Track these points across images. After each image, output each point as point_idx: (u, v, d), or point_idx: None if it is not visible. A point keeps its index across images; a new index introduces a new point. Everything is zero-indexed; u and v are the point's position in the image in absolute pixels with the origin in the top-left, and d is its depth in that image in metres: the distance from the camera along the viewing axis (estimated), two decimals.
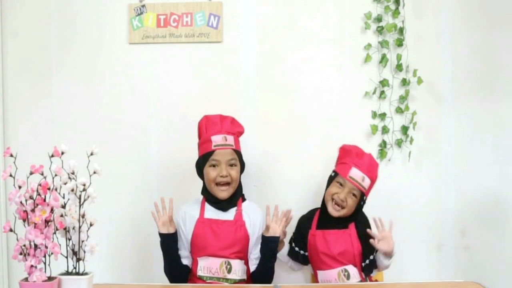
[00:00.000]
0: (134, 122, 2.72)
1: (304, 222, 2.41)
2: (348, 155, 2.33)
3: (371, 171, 2.32)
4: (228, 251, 2.25)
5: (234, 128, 2.35)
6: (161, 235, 2.26)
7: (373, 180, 2.33)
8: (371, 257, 2.28)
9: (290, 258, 2.44)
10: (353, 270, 2.27)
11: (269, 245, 2.26)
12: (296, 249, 2.39)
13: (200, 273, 2.25)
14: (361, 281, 2.26)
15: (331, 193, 2.31)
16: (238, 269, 2.25)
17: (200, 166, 2.33)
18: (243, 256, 2.29)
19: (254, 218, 2.33)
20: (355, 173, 2.27)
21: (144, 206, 2.70)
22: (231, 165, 2.29)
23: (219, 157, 2.27)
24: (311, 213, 2.44)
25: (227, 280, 2.23)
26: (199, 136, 2.37)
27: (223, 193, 2.28)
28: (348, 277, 2.25)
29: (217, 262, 2.24)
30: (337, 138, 2.62)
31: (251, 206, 2.39)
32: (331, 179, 2.36)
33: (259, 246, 2.30)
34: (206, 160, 2.29)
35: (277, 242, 2.27)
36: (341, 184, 2.30)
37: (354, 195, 2.29)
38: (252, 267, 2.29)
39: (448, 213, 2.70)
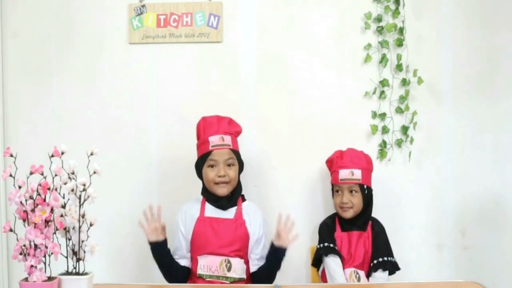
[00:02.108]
0: (134, 122, 2.72)
1: (330, 224, 2.43)
2: (333, 164, 2.44)
3: (356, 162, 2.38)
4: (228, 249, 2.25)
5: (231, 128, 2.36)
6: (150, 243, 2.26)
7: (364, 168, 2.38)
8: (379, 259, 2.31)
9: (331, 256, 2.34)
10: (362, 274, 2.32)
11: (278, 254, 2.25)
12: (331, 245, 2.35)
13: (200, 271, 2.25)
14: None
15: (336, 203, 2.40)
16: (238, 268, 2.25)
17: (199, 166, 2.35)
18: (243, 255, 2.29)
19: (254, 218, 2.34)
20: (343, 173, 2.37)
21: (144, 206, 2.69)
22: (229, 165, 2.31)
23: (216, 157, 2.29)
24: (332, 216, 2.47)
25: (227, 278, 2.24)
26: (198, 138, 2.38)
27: (222, 189, 2.30)
28: (358, 279, 2.30)
29: (217, 260, 2.24)
30: (337, 138, 2.62)
31: (251, 206, 2.40)
32: (332, 192, 2.45)
33: (260, 246, 2.31)
34: (205, 160, 2.31)
35: (285, 252, 2.25)
36: (338, 191, 2.39)
37: (354, 191, 2.35)
38: (253, 267, 2.29)
39: (448, 213, 2.69)
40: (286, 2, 2.71)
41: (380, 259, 2.31)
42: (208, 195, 2.35)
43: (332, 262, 2.32)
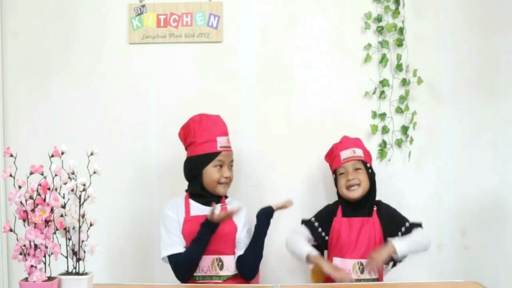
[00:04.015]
0: (134, 122, 2.72)
1: (332, 208, 2.41)
2: (332, 152, 2.44)
3: (356, 143, 2.40)
4: (218, 246, 2.23)
5: (227, 129, 2.37)
6: (212, 222, 2.17)
7: (363, 148, 2.40)
8: (399, 231, 2.29)
9: (306, 228, 2.36)
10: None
11: (264, 219, 2.25)
12: (320, 229, 2.35)
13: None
14: (377, 279, 2.28)
15: (342, 185, 2.35)
16: (230, 265, 2.25)
17: (199, 165, 2.31)
18: (233, 250, 2.29)
19: (240, 215, 2.32)
20: (345, 153, 2.36)
21: (144, 206, 2.71)
22: (231, 167, 2.34)
23: (224, 158, 2.29)
24: (336, 202, 2.44)
25: (219, 277, 2.23)
26: (195, 134, 2.32)
27: (224, 189, 2.33)
28: (362, 271, 2.27)
29: (208, 260, 2.22)
30: (337, 138, 2.61)
31: (234, 201, 2.39)
32: (336, 179, 2.41)
33: (243, 233, 2.30)
34: (210, 160, 2.29)
35: (271, 216, 2.26)
36: (343, 173, 2.35)
37: (358, 169, 2.34)
38: (239, 251, 2.28)
39: (448, 213, 2.70)
40: (286, 2, 2.71)
41: (403, 228, 2.29)
42: (202, 192, 2.31)
43: (299, 231, 2.34)
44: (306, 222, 2.39)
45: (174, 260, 2.22)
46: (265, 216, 2.26)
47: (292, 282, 2.62)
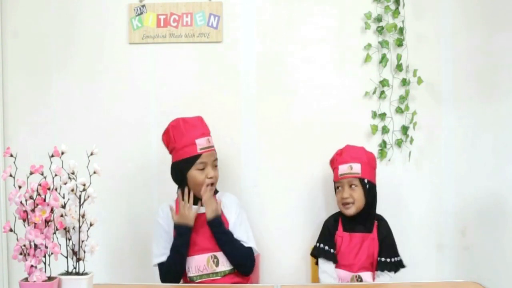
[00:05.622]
0: (134, 122, 2.72)
1: (332, 223, 2.41)
2: (332, 162, 2.43)
3: (354, 156, 2.36)
4: (211, 242, 2.24)
5: (208, 128, 2.37)
6: (179, 226, 2.20)
7: (363, 163, 2.35)
8: (381, 259, 2.30)
9: (322, 259, 2.34)
10: (365, 276, 2.30)
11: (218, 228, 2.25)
12: (326, 248, 2.34)
13: (189, 274, 2.25)
14: None
15: (338, 200, 2.38)
16: (225, 260, 2.25)
17: (182, 170, 2.30)
18: None
19: (229, 203, 2.35)
20: (342, 169, 2.35)
21: (144, 206, 2.70)
22: (215, 166, 2.32)
23: (205, 159, 2.28)
24: (336, 215, 2.44)
25: (217, 273, 2.24)
26: (175, 140, 2.31)
27: (209, 193, 2.29)
28: (360, 280, 2.29)
29: (204, 259, 2.23)
30: (337, 138, 2.61)
31: (224, 194, 2.40)
32: (335, 191, 2.42)
33: (241, 229, 2.30)
34: (192, 163, 2.27)
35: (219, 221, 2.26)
36: (339, 187, 2.37)
37: (354, 185, 2.33)
38: None
39: (448, 213, 2.70)
40: (286, 2, 2.71)
41: (383, 259, 2.29)
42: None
43: (322, 265, 2.32)
44: (318, 252, 2.35)
45: (159, 268, 2.30)
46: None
47: (292, 282, 2.62)
